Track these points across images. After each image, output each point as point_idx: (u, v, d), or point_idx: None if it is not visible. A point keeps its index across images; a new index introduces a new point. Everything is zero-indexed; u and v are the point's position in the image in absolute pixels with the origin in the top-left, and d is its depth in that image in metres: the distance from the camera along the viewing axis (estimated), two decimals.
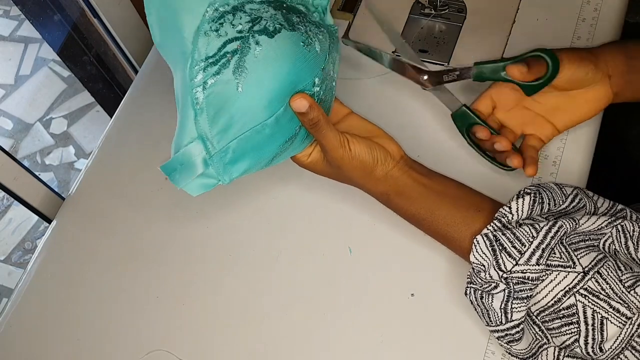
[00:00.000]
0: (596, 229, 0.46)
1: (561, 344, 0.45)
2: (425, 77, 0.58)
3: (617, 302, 0.42)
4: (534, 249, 0.44)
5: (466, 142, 0.58)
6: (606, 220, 0.46)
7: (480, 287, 0.47)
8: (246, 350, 0.55)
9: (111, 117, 0.71)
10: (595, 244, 0.46)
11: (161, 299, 0.58)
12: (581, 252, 0.44)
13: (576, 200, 0.48)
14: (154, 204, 0.63)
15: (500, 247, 0.45)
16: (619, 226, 0.46)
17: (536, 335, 0.46)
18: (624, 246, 0.46)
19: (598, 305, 0.42)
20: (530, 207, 0.47)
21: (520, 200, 0.47)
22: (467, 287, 0.49)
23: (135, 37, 0.76)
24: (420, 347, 0.53)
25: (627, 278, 0.43)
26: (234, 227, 0.61)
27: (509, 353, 0.48)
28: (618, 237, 0.46)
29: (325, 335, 0.55)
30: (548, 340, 0.46)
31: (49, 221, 0.67)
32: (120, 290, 0.60)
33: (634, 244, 0.46)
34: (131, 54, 0.77)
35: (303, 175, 0.61)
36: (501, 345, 0.48)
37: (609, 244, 0.46)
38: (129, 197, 0.64)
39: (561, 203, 0.48)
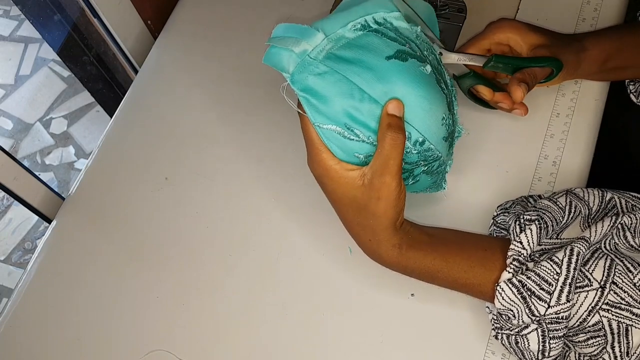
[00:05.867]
0: (602, 237, 0.46)
1: (587, 354, 0.45)
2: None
3: (638, 308, 0.42)
4: (561, 287, 0.43)
5: (467, 97, 0.61)
6: (609, 225, 0.46)
7: (511, 331, 0.47)
8: (246, 350, 0.55)
9: (111, 117, 0.71)
10: (598, 246, 0.46)
11: (161, 299, 0.58)
12: (590, 265, 0.44)
13: (572, 210, 0.48)
14: (154, 204, 0.63)
15: (529, 293, 0.44)
16: (618, 225, 0.46)
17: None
18: (622, 237, 0.46)
19: (622, 316, 0.43)
20: (538, 235, 0.46)
21: (528, 232, 0.46)
22: (498, 333, 0.48)
23: (135, 37, 0.76)
24: (420, 347, 0.53)
25: (639, 280, 0.43)
26: (234, 227, 0.61)
27: None
28: (618, 233, 0.47)
29: (325, 335, 0.55)
30: (570, 348, 0.46)
31: (49, 221, 0.67)
32: (120, 290, 0.60)
33: (631, 233, 0.46)
34: (131, 54, 0.77)
35: (303, 175, 0.61)
36: None
37: (609, 240, 0.46)
38: (129, 197, 0.64)
39: (561, 219, 0.48)
